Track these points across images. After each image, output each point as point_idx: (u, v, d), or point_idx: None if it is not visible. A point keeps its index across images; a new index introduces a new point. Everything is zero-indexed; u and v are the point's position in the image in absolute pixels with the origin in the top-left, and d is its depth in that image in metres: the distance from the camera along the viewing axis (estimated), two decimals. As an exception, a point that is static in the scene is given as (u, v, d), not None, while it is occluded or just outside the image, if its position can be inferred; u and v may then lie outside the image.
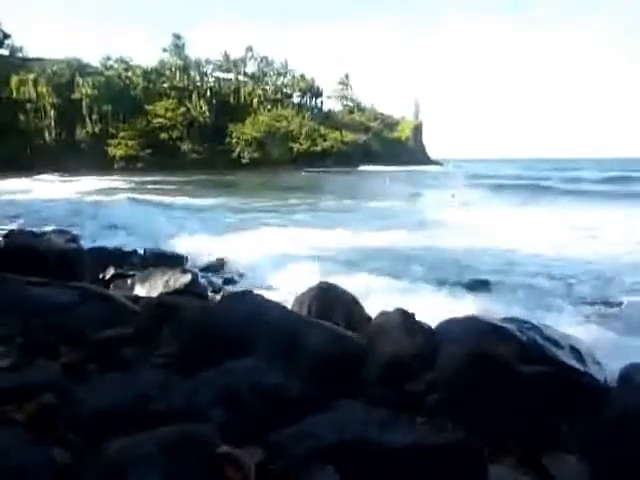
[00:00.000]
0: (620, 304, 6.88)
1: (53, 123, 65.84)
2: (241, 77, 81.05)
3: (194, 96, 72.83)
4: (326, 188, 34.65)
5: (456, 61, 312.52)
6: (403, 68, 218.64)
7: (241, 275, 8.41)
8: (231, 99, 76.45)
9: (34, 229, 11.26)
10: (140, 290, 6.16)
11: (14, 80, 64.43)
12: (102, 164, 62.33)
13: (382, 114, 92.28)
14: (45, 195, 24.30)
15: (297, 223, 15.58)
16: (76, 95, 66.49)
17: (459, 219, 15.85)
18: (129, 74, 71.63)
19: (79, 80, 66.79)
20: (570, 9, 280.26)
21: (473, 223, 14.79)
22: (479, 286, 7.80)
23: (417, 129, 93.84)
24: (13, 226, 12.98)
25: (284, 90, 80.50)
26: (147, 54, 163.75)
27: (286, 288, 6.83)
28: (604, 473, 2.50)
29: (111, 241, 10.24)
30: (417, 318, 3.98)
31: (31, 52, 70.03)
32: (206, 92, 74.45)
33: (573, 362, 3.64)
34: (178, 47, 76.96)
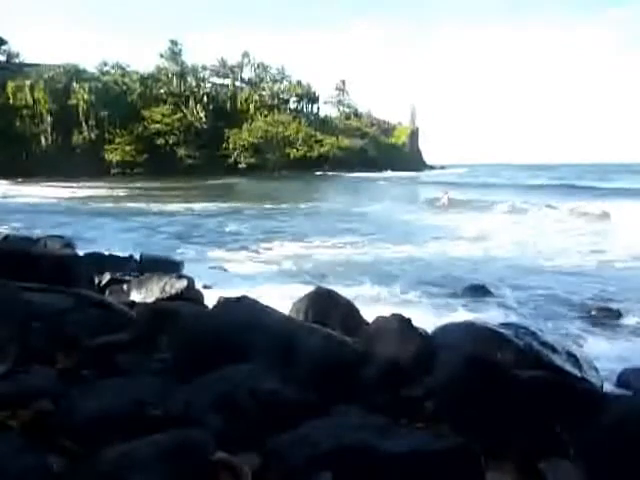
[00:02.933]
0: (616, 310, 6.90)
1: (49, 129, 65.74)
2: (238, 83, 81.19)
3: (191, 102, 72.84)
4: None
5: (454, 65, 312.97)
6: (400, 73, 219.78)
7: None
8: (228, 105, 76.47)
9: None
10: (136, 296, 6.12)
11: (10, 86, 64.40)
12: (98, 169, 62.28)
13: (378, 120, 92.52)
14: None
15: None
16: (73, 101, 66.40)
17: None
18: (126, 80, 71.61)
19: (76, 86, 66.78)
20: (570, 9, 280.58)
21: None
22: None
23: (413, 135, 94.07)
24: None
25: (281, 96, 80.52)
26: (145, 58, 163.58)
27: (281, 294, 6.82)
28: (601, 479, 2.49)
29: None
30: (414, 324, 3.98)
31: (28, 58, 70.17)
32: (203, 98, 74.45)
33: (570, 367, 3.65)
34: (175, 53, 77.05)
